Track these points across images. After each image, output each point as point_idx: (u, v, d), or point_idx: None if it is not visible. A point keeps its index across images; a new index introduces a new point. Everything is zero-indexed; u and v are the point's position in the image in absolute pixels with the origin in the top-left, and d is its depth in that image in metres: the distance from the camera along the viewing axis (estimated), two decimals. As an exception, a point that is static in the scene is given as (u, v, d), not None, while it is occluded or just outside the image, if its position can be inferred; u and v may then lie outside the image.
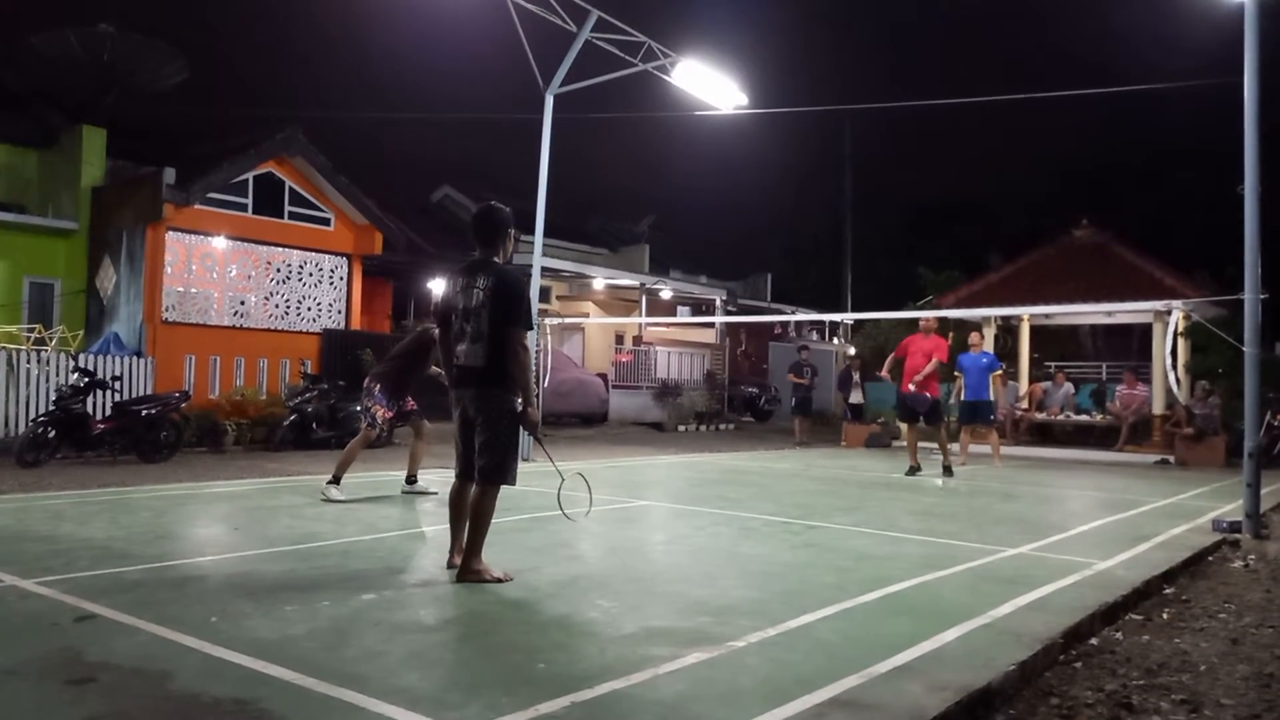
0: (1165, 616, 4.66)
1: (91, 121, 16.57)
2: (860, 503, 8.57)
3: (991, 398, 12.56)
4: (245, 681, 3.11)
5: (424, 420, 8.02)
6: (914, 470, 10.90)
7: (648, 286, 24.20)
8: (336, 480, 7.49)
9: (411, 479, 8.02)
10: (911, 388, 10.87)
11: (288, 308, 17.08)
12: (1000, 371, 12.96)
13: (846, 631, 3.93)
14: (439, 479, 9.58)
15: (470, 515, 4.71)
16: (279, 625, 3.79)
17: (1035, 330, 17.91)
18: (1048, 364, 18.38)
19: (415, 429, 8.03)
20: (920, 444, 11.59)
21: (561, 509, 5.48)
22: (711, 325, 25.61)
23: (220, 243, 16.27)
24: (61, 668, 3.22)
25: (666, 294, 25.30)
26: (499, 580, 4.61)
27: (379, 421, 7.78)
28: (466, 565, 4.65)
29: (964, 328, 18.13)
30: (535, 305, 13.28)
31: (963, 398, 12.67)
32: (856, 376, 18.28)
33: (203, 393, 14.72)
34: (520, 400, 4.72)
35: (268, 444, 12.82)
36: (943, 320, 17.99)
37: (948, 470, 10.96)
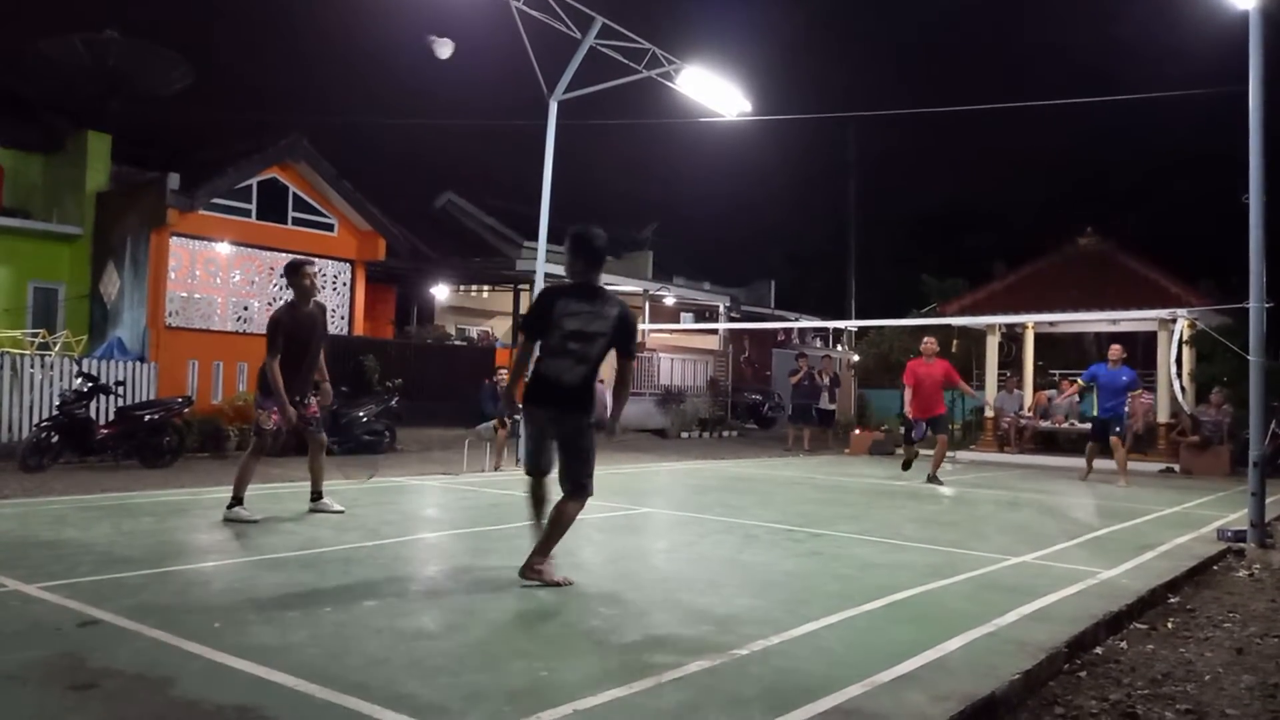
0: (1170, 626, 4.64)
1: (96, 127, 16.61)
2: (863, 511, 8.55)
3: (1127, 414, 11.87)
4: (248, 688, 3.10)
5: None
6: (909, 464, 11.42)
7: (651, 293, 24.21)
8: None
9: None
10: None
11: (291, 313, 17.09)
12: (1140, 391, 12.01)
13: (850, 640, 3.92)
14: (442, 485, 9.58)
15: (556, 519, 4.85)
16: (281, 632, 3.78)
17: (1040, 338, 17.89)
18: (1052, 372, 18.35)
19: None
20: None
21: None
22: (715, 332, 25.63)
23: (224, 248, 16.30)
24: (64, 673, 3.22)
25: (670, 300, 25.32)
26: (559, 584, 4.74)
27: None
28: (530, 564, 4.78)
29: (967, 336, 18.16)
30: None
31: (1096, 413, 12.05)
32: (825, 380, 18.09)
33: (206, 398, 14.73)
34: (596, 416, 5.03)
35: (270, 450, 12.82)
36: (947, 328, 18.01)
37: (934, 479, 10.98)
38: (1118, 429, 11.69)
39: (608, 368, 5.08)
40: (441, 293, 24.49)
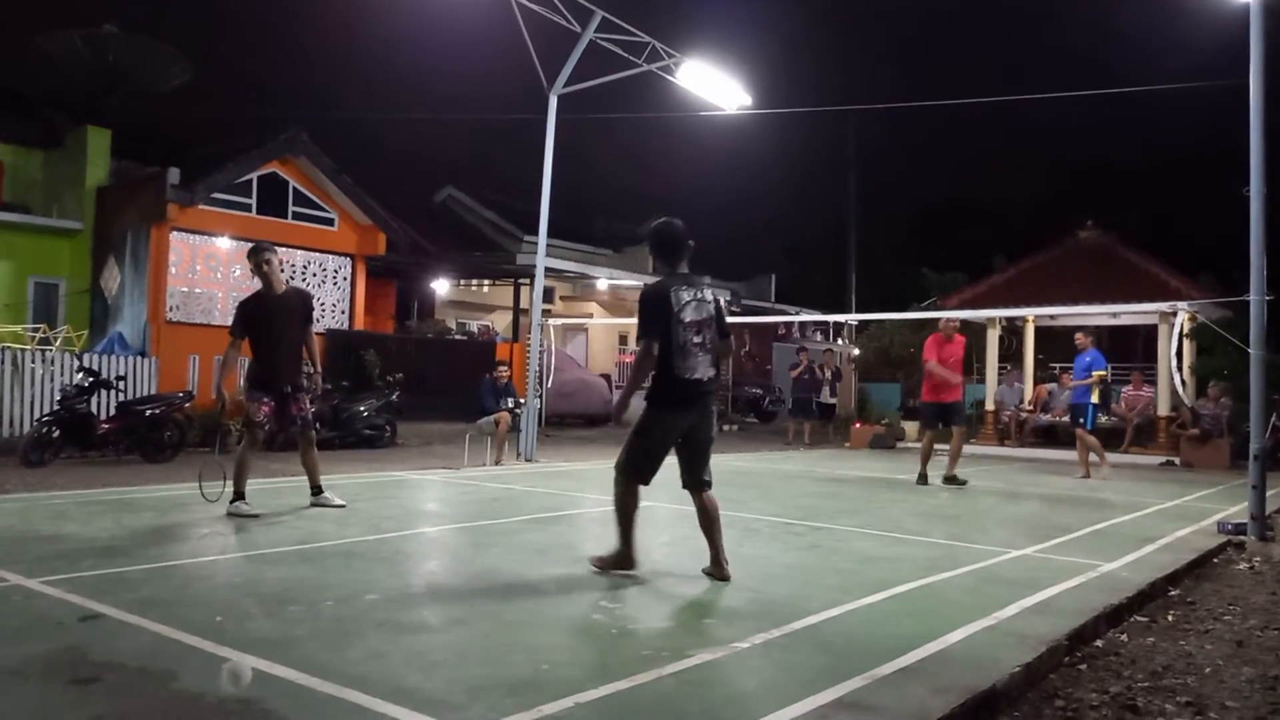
0: (1170, 619, 4.64)
1: (96, 122, 16.61)
2: (864, 504, 8.56)
3: (1094, 400, 11.48)
4: (250, 682, 3.11)
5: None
6: (925, 479, 10.07)
7: (651, 287, 24.17)
8: None
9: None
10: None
11: (291, 308, 17.09)
12: (1103, 371, 11.57)
13: (850, 633, 3.92)
14: (443, 479, 9.58)
15: (714, 518, 4.91)
16: (283, 625, 3.79)
17: (1040, 331, 17.90)
18: (1052, 365, 18.36)
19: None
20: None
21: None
22: (715, 326, 25.54)
23: (224, 243, 16.30)
24: (66, 667, 3.22)
25: (670, 295, 25.26)
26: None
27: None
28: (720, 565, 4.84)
29: (968, 329, 18.16)
30: (539, 306, 13.33)
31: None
32: (828, 374, 18.04)
33: (206, 393, 14.72)
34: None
35: (271, 444, 12.84)
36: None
37: (953, 479, 10.02)
38: (1080, 419, 11.57)
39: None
40: (442, 287, 24.47)
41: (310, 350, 7.09)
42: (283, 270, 7.17)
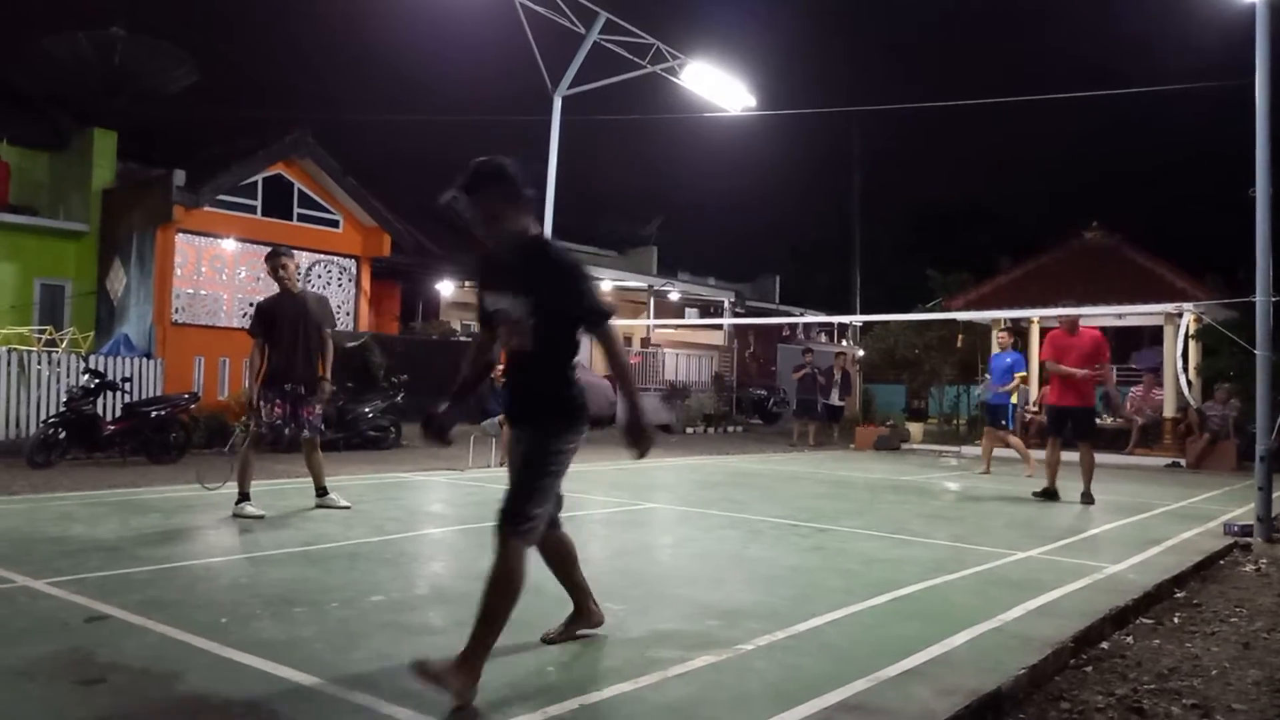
0: (1176, 621, 4.63)
1: (102, 124, 16.64)
2: (868, 506, 8.54)
3: (1014, 400, 11.91)
4: (255, 683, 3.12)
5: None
6: (1053, 495, 8.98)
7: (656, 288, 24.22)
8: None
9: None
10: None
11: (297, 309, 17.10)
12: (1024, 374, 12.09)
13: (855, 635, 3.92)
14: (447, 480, 9.59)
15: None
16: (288, 627, 3.80)
17: (1045, 332, 17.84)
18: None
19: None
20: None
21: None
22: (719, 327, 25.61)
23: (229, 244, 16.33)
24: (72, 668, 3.23)
25: (674, 296, 25.31)
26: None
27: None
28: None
29: (972, 330, 18.13)
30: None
31: (984, 399, 12.43)
32: (837, 376, 18.00)
33: (212, 394, 14.77)
34: None
35: (276, 446, 12.86)
36: (952, 322, 17.96)
37: (1087, 497, 8.72)
38: (1003, 421, 11.81)
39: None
40: (446, 289, 24.52)
41: (324, 354, 7.12)
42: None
